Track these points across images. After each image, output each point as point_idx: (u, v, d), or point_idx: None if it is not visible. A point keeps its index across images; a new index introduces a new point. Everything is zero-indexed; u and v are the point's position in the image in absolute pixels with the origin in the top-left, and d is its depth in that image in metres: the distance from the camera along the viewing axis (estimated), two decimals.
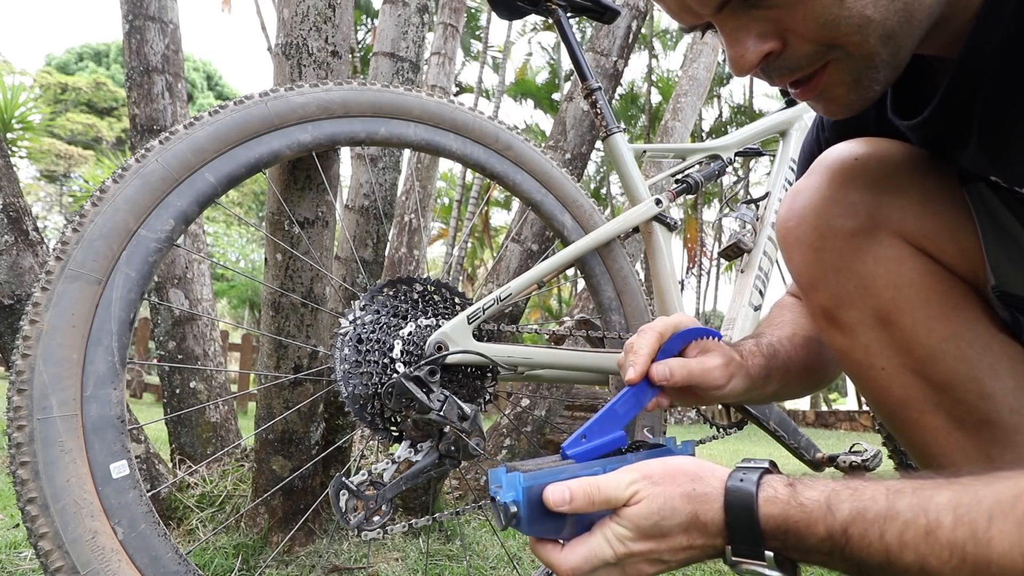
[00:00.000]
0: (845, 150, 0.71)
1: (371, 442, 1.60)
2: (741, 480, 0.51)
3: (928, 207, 0.68)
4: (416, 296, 0.92)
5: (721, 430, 1.11)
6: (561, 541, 0.54)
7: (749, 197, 1.33)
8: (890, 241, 0.69)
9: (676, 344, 0.69)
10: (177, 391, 1.58)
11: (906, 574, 0.45)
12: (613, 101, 2.06)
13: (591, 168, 15.43)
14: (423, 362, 0.86)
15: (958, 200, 0.68)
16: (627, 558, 0.52)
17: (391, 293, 0.90)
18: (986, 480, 0.45)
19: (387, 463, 0.86)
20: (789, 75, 0.58)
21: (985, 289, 0.68)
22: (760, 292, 1.24)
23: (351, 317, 0.87)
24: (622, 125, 1.21)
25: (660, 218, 1.18)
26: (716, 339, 0.72)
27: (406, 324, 0.90)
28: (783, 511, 0.49)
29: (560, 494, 0.52)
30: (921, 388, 0.68)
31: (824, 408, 13.29)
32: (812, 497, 0.49)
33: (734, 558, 0.51)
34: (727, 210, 1.32)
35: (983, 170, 0.62)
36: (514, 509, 0.51)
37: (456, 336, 0.89)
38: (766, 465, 0.53)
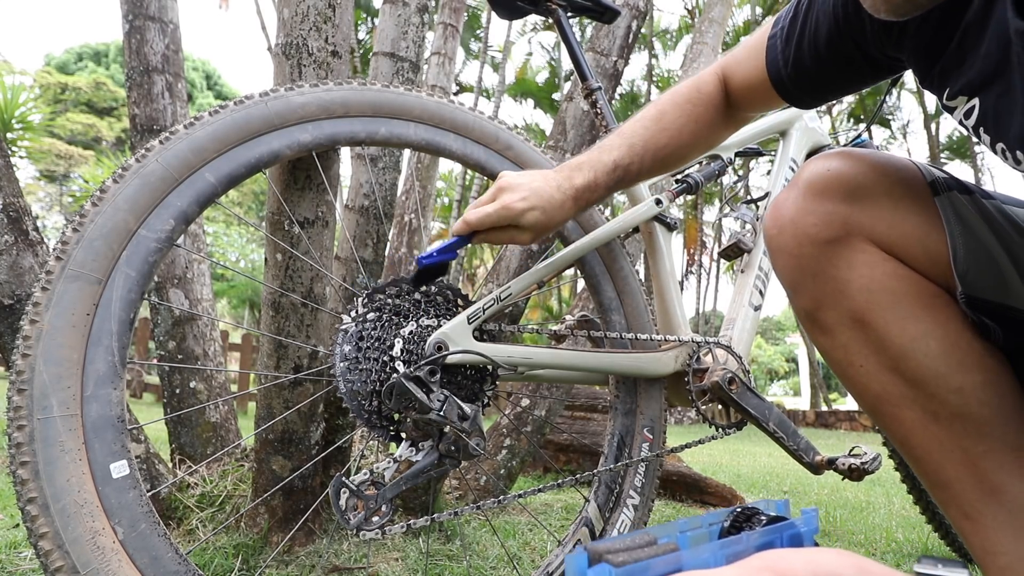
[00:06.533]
0: (820, 164, 0.75)
1: (371, 442, 1.60)
2: None
3: (897, 215, 0.72)
4: (417, 296, 0.92)
5: (720, 430, 1.11)
6: None
7: (749, 197, 1.33)
8: (862, 247, 0.73)
9: None
10: (177, 391, 1.58)
11: None
12: (613, 101, 2.06)
13: None
14: (423, 362, 0.86)
15: (929, 209, 0.71)
16: None
17: (393, 292, 0.91)
18: None
19: (387, 463, 0.86)
20: None
21: (955, 292, 0.71)
22: (760, 292, 1.24)
23: (351, 316, 0.87)
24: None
25: (660, 218, 1.18)
26: None
27: (407, 323, 0.90)
28: None
29: None
30: (897, 384, 0.71)
31: (824, 408, 13.28)
32: None
33: None
34: (727, 210, 1.32)
35: None
36: None
37: (456, 336, 0.89)
38: (965, 570, 0.38)
